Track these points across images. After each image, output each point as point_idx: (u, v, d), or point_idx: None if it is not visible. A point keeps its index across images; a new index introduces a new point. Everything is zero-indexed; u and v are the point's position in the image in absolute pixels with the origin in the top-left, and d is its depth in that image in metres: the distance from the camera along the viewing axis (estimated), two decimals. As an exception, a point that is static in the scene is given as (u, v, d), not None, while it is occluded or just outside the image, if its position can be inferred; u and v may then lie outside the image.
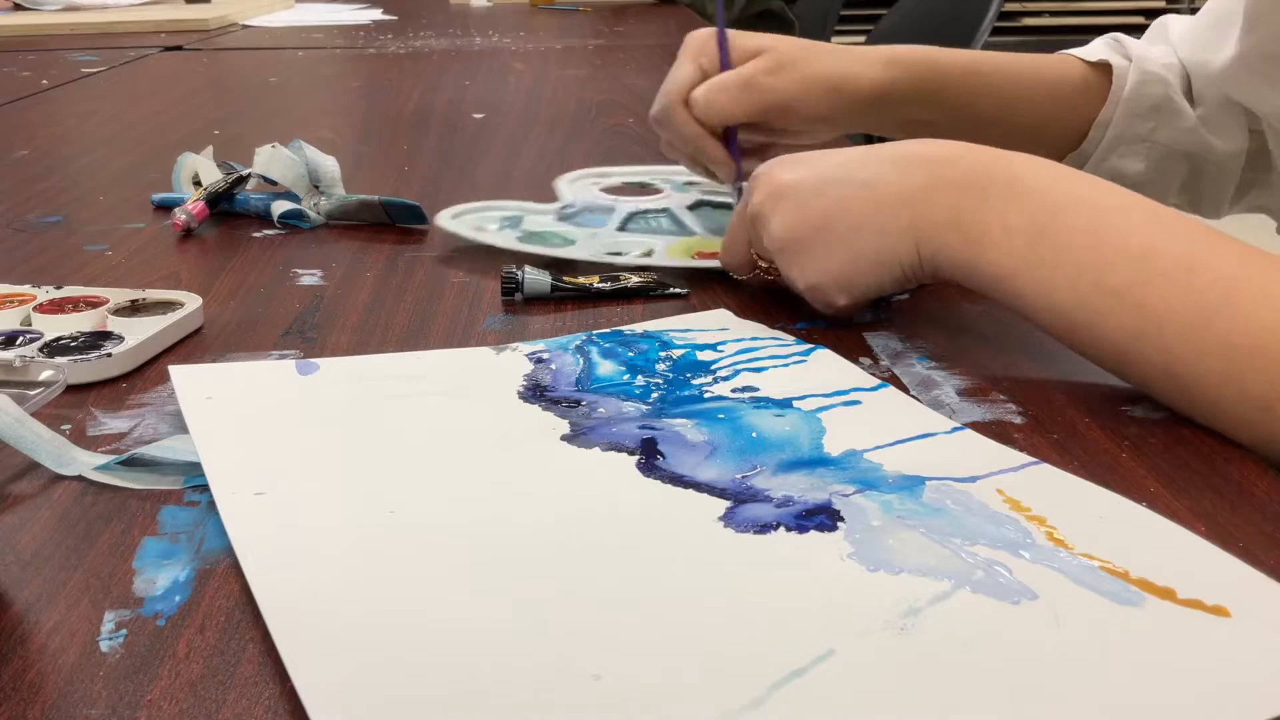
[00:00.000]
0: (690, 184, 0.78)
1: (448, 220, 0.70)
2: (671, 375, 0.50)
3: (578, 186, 0.77)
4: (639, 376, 0.50)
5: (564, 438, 0.44)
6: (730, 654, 0.31)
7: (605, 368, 0.51)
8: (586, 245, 0.67)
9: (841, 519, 0.38)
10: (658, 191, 0.77)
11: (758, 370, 0.50)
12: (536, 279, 0.60)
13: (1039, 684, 0.30)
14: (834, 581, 0.35)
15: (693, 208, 0.73)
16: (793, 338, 0.54)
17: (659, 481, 0.41)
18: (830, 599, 0.34)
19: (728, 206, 0.74)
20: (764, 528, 0.37)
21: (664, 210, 0.73)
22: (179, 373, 0.50)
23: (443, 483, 0.41)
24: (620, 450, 0.43)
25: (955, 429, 0.44)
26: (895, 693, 0.30)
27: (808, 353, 0.52)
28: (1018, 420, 0.46)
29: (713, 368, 0.50)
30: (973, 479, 0.40)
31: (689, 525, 0.38)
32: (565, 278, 0.61)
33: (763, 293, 0.61)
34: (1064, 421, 0.45)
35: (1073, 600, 0.33)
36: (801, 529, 0.37)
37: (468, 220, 0.70)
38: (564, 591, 0.34)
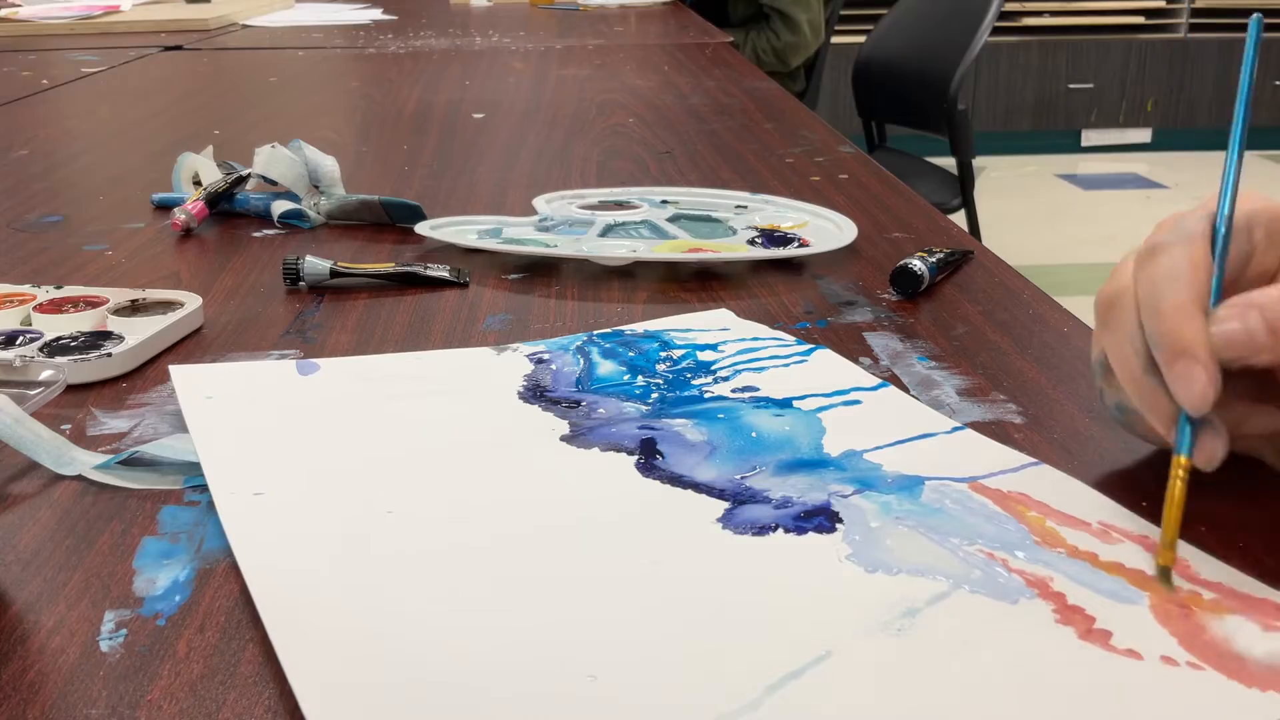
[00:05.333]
0: (667, 202, 0.78)
1: (427, 230, 0.69)
2: (672, 375, 0.50)
3: (555, 205, 0.77)
4: (639, 377, 0.50)
5: (563, 438, 0.44)
6: (727, 656, 0.31)
7: (605, 368, 0.51)
8: (570, 247, 0.67)
9: (840, 520, 0.38)
10: (635, 208, 0.76)
11: (758, 370, 0.50)
12: (316, 264, 0.62)
13: (1038, 683, 0.30)
14: (832, 583, 0.35)
15: (672, 219, 0.73)
16: (793, 338, 0.54)
17: (658, 482, 0.41)
18: (828, 600, 0.34)
19: (706, 219, 0.74)
20: (762, 529, 0.37)
21: (643, 222, 0.72)
22: (179, 372, 0.50)
23: (441, 483, 0.41)
24: (619, 450, 0.43)
25: (955, 429, 0.44)
26: (892, 694, 0.30)
27: (808, 352, 0.52)
28: (1018, 420, 0.46)
29: (713, 368, 0.50)
30: (972, 479, 0.40)
31: (687, 526, 0.38)
32: (346, 264, 0.63)
33: (763, 292, 0.61)
34: (1064, 421, 0.45)
35: (1073, 598, 0.33)
36: (800, 530, 0.37)
37: (446, 233, 0.69)
38: (561, 591, 0.34)
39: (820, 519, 0.38)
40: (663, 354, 0.52)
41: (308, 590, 0.34)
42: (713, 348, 0.53)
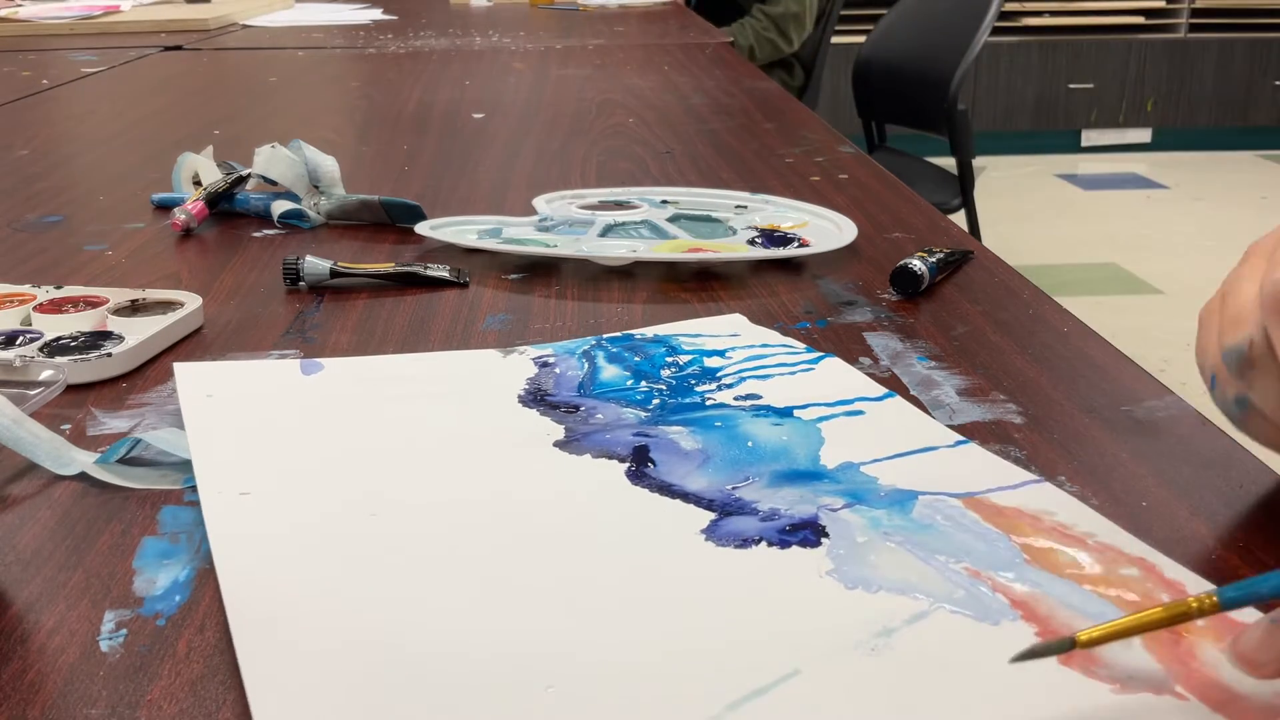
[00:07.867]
0: (667, 202, 0.78)
1: (427, 230, 0.69)
2: (675, 381, 0.49)
3: (555, 206, 0.77)
4: (642, 382, 0.49)
5: (557, 444, 0.44)
6: (692, 671, 0.30)
7: (609, 372, 0.50)
8: (570, 247, 0.67)
9: (826, 534, 0.37)
10: (635, 208, 0.76)
11: (763, 378, 0.49)
12: (316, 264, 0.62)
13: (1012, 709, 0.29)
14: (809, 599, 0.34)
15: (672, 219, 0.73)
16: (803, 345, 0.53)
17: (646, 490, 0.40)
18: (802, 617, 0.33)
19: (706, 218, 0.74)
20: (745, 542, 0.37)
21: (643, 222, 0.72)
22: (183, 369, 0.50)
23: (428, 487, 0.40)
24: (611, 457, 0.42)
25: (959, 442, 0.43)
26: (860, 715, 0.29)
27: (816, 360, 0.51)
28: (1018, 420, 0.46)
29: (718, 374, 0.50)
30: (968, 494, 0.39)
31: (669, 537, 0.37)
32: (347, 264, 0.63)
33: (763, 292, 0.61)
34: (1064, 421, 0.45)
35: (1058, 621, 0.32)
36: (784, 544, 0.36)
37: (446, 233, 0.69)
38: (530, 599, 0.34)
39: (805, 533, 0.37)
40: (668, 359, 0.52)
41: (278, 595, 0.34)
42: (720, 354, 0.52)
